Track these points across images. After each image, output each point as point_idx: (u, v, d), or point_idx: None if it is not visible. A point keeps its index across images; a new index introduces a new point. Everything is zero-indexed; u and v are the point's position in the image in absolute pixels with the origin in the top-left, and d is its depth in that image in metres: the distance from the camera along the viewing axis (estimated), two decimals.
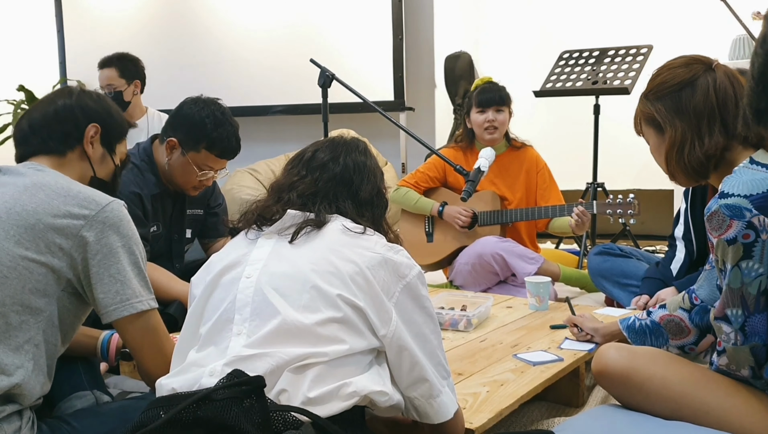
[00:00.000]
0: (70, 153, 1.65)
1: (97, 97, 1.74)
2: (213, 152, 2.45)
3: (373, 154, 1.59)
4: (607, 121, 4.11)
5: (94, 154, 1.69)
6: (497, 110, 3.34)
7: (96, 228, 1.47)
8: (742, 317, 1.42)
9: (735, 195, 1.39)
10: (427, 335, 1.38)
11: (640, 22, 5.02)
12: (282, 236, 1.39)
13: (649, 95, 1.71)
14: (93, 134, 1.67)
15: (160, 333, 1.57)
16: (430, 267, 3.51)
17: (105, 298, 1.48)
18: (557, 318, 2.43)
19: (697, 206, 2.56)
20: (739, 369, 1.48)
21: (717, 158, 1.63)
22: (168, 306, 2.35)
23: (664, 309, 1.85)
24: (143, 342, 1.55)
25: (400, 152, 5.03)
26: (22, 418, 1.40)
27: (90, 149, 1.67)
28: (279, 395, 1.21)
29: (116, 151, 1.76)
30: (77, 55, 5.64)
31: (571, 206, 3.12)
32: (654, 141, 1.73)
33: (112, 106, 1.76)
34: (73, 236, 1.45)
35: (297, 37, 5.07)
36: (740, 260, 1.40)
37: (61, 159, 1.63)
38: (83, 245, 1.46)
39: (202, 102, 2.48)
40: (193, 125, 2.43)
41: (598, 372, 1.66)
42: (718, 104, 1.62)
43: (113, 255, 1.48)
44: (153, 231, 2.54)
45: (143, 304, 1.52)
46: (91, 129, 1.67)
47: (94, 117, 1.68)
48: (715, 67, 1.66)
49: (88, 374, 1.81)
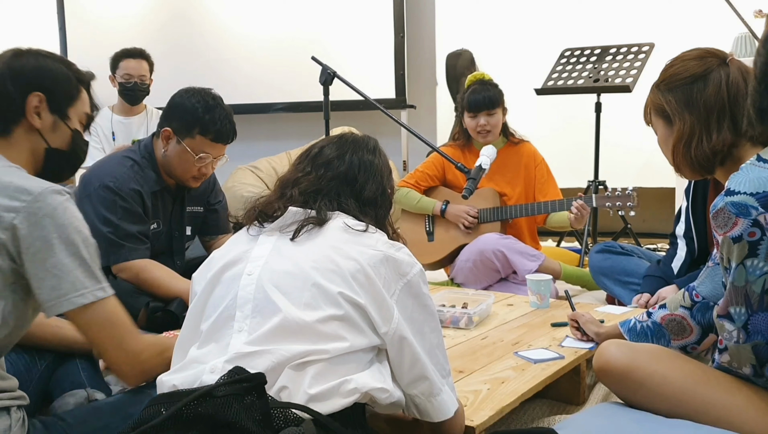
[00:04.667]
0: (16, 129, 1.50)
1: (35, 58, 1.54)
2: (208, 137, 2.45)
3: (383, 152, 1.58)
4: (609, 119, 4.11)
5: (44, 124, 1.52)
6: (489, 114, 3.30)
7: (29, 219, 1.36)
8: (745, 316, 1.42)
9: (741, 193, 1.38)
10: (427, 333, 1.38)
11: (642, 20, 5.02)
12: (283, 234, 1.39)
13: (661, 86, 1.69)
14: (37, 104, 1.51)
15: (118, 325, 1.46)
16: (432, 266, 3.51)
17: (41, 294, 1.39)
18: (558, 316, 2.43)
19: (698, 205, 2.55)
20: (741, 367, 1.48)
21: (724, 153, 1.61)
22: (169, 303, 2.36)
23: (665, 309, 1.85)
24: (98, 335, 1.45)
25: (401, 149, 5.03)
26: (11, 416, 1.38)
27: (37, 120, 1.51)
28: (280, 392, 1.21)
29: (70, 115, 1.57)
30: (79, 53, 5.62)
31: (570, 201, 3.12)
32: (662, 132, 1.72)
33: (54, 66, 1.56)
34: (5, 230, 1.35)
35: (298, 35, 5.06)
36: (745, 258, 1.39)
37: (7, 139, 1.49)
38: (16, 238, 1.36)
39: (192, 90, 2.51)
40: (186, 111, 2.45)
41: (599, 369, 1.66)
42: (729, 100, 1.60)
43: (48, 248, 1.37)
44: (153, 228, 2.54)
45: (85, 297, 1.40)
46: (33, 99, 1.50)
47: (34, 85, 1.50)
48: (729, 62, 1.64)
49: (87, 371, 1.81)
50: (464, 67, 5.02)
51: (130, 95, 4.15)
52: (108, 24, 5.52)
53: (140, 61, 4.13)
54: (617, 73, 3.85)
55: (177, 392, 1.18)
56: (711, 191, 2.48)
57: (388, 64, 4.89)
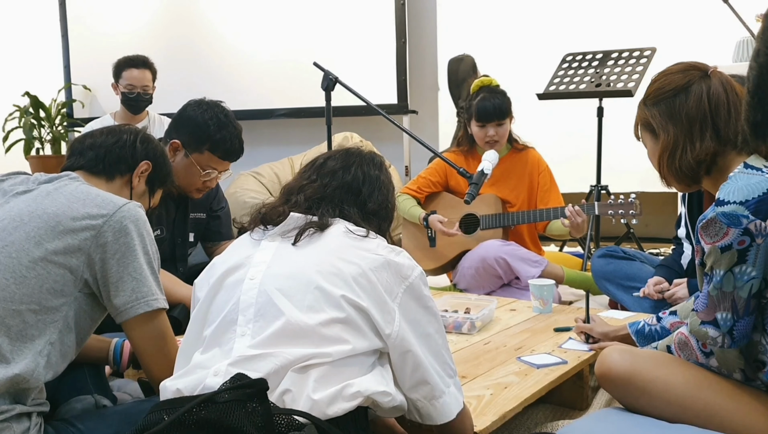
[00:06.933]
0: (119, 179, 1.73)
1: (158, 143, 1.84)
2: (216, 154, 2.45)
3: (388, 170, 1.60)
4: (611, 123, 4.10)
5: (138, 188, 1.77)
6: (498, 124, 3.27)
7: (114, 227, 1.50)
8: (731, 321, 1.44)
9: (731, 202, 1.41)
10: (432, 334, 1.38)
11: (644, 24, 5.02)
12: (285, 238, 1.41)
13: (647, 101, 1.73)
14: (144, 170, 1.77)
15: (167, 336, 1.59)
16: (434, 272, 3.50)
17: (121, 296, 1.51)
18: (561, 321, 2.43)
19: (695, 211, 2.57)
20: (731, 373, 1.49)
21: (708, 163, 1.64)
22: (172, 309, 2.36)
23: (675, 316, 1.85)
24: (151, 343, 1.56)
25: (403, 155, 5.03)
26: (31, 421, 1.42)
27: (136, 181, 1.76)
28: (283, 395, 1.21)
29: (154, 194, 1.84)
30: (81, 60, 5.65)
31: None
32: (650, 146, 1.75)
33: (167, 156, 1.88)
34: (92, 237, 1.49)
35: (300, 41, 5.07)
36: (734, 265, 1.41)
37: (107, 182, 1.71)
38: (102, 244, 1.49)
39: (205, 104, 2.49)
40: (197, 126, 2.44)
41: (601, 375, 1.66)
42: (710, 110, 1.63)
43: (131, 253, 1.51)
44: (157, 235, 2.54)
45: (158, 302, 1.55)
46: (143, 165, 1.76)
47: (151, 156, 1.78)
48: (711, 74, 1.67)
49: (94, 378, 1.82)
50: (466, 73, 5.02)
51: (133, 105, 4.16)
52: (110, 31, 5.53)
53: (143, 71, 4.12)
54: (619, 78, 3.84)
55: (179, 398, 1.19)
56: (706, 199, 2.48)
57: (389, 69, 4.90)
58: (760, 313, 1.46)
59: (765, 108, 1.31)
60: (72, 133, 5.57)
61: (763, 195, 1.40)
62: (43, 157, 5.26)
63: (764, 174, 1.45)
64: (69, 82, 5.66)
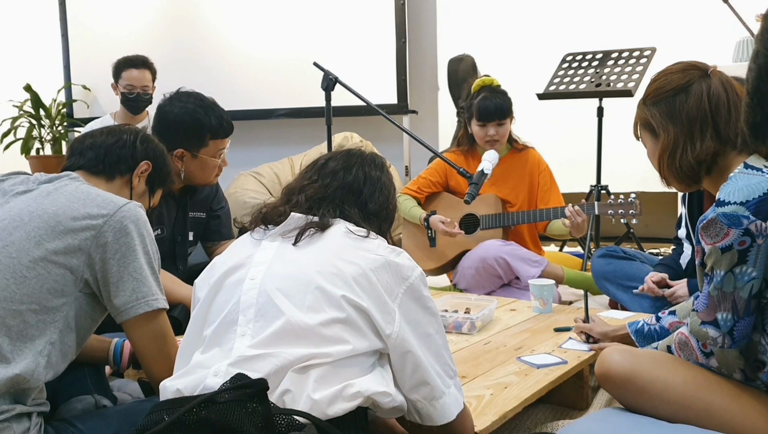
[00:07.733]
0: (119, 179, 1.73)
1: (158, 142, 1.84)
2: (218, 137, 2.49)
3: (390, 172, 1.60)
4: (611, 123, 4.10)
5: (138, 188, 1.77)
6: (499, 124, 3.27)
7: (114, 227, 1.50)
8: (731, 322, 1.44)
9: (732, 203, 1.41)
10: (432, 334, 1.38)
11: (644, 24, 5.02)
12: (286, 239, 1.41)
13: (647, 101, 1.73)
14: (144, 170, 1.77)
15: (167, 336, 1.59)
16: (434, 272, 3.50)
17: (121, 296, 1.51)
18: (561, 321, 2.43)
19: (695, 211, 2.56)
20: (731, 373, 1.49)
21: (708, 163, 1.63)
22: (172, 309, 2.35)
23: (674, 316, 1.85)
24: (151, 343, 1.57)
25: (403, 154, 5.03)
26: (31, 421, 1.42)
27: (136, 181, 1.76)
28: (283, 395, 1.21)
29: (155, 194, 1.84)
30: (81, 59, 5.64)
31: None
32: (650, 146, 1.75)
33: (168, 157, 1.88)
34: (92, 237, 1.49)
35: (300, 41, 5.07)
36: (734, 265, 1.41)
37: (107, 182, 1.70)
38: (102, 244, 1.49)
39: (177, 101, 2.48)
40: (189, 125, 2.44)
41: (601, 376, 1.66)
42: (710, 110, 1.63)
43: (131, 253, 1.51)
44: (157, 234, 2.54)
45: (159, 302, 1.55)
46: (143, 165, 1.76)
47: (151, 156, 1.78)
48: (711, 74, 1.67)
49: (93, 378, 1.82)
50: (466, 72, 5.02)
51: (132, 106, 4.16)
52: (110, 31, 5.52)
53: (143, 71, 4.12)
54: (619, 78, 3.84)
55: (179, 398, 1.19)
56: (706, 199, 2.48)
57: (389, 69, 4.89)
58: (760, 313, 1.46)
59: (764, 109, 1.31)
60: (72, 133, 5.57)
61: (764, 196, 1.40)
62: (43, 157, 5.25)
63: (764, 174, 1.45)
64: (69, 82, 5.66)
